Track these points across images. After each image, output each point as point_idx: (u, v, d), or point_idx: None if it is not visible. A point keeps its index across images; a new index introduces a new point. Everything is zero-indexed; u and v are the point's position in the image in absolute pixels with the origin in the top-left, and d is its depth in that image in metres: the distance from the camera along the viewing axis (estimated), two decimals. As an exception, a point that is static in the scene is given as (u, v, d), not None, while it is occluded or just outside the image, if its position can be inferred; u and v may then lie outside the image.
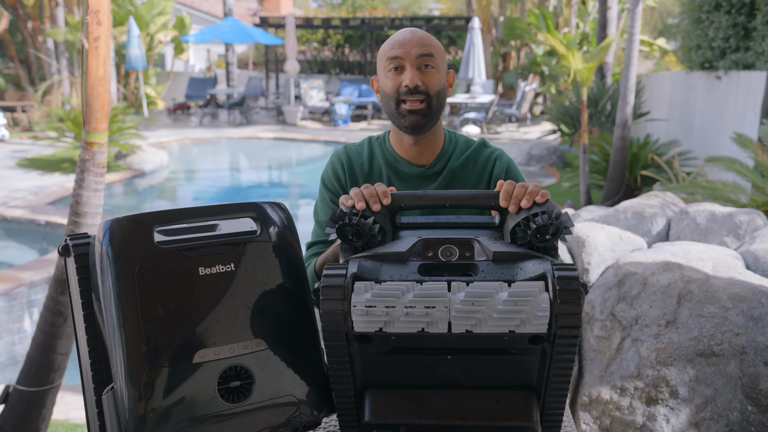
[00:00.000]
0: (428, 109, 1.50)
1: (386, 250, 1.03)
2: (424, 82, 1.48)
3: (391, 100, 1.51)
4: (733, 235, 3.48)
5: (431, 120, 1.52)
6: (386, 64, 1.51)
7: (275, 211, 1.13)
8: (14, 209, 7.03)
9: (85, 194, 2.41)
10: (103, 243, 0.99)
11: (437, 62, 1.51)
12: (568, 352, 0.96)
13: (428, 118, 1.51)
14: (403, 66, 1.49)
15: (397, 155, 1.60)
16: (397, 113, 1.51)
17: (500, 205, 1.10)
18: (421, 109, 1.49)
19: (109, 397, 0.98)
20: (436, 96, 1.50)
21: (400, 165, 1.59)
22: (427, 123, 1.52)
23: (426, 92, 1.49)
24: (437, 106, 1.52)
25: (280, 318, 1.06)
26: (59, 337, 2.61)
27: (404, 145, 1.58)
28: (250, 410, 1.01)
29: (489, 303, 0.93)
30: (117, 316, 0.96)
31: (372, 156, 1.62)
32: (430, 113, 1.50)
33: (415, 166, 1.58)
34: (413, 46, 1.49)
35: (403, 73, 1.49)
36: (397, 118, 1.52)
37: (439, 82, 1.51)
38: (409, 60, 1.48)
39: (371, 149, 1.64)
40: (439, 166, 1.58)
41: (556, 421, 1.06)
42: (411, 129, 1.52)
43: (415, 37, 1.50)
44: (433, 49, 1.50)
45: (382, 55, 1.53)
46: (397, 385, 1.04)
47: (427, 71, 1.49)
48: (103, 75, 2.20)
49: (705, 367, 2.58)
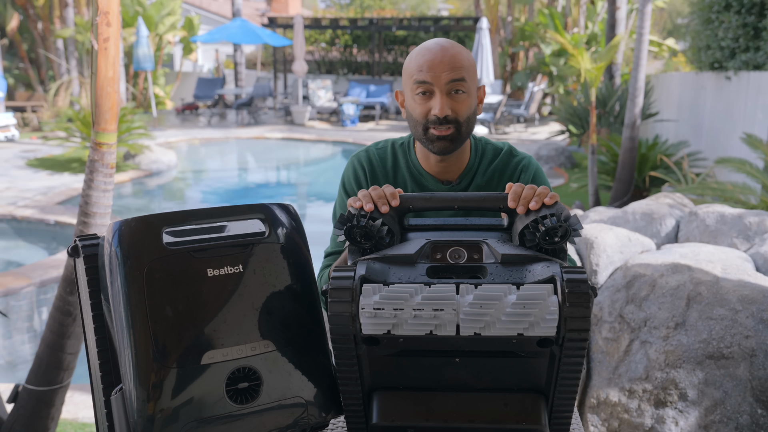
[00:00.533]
0: (457, 134, 1.44)
1: (394, 252, 1.03)
2: (454, 110, 1.42)
3: (419, 125, 1.45)
4: (743, 237, 3.46)
5: (460, 143, 1.47)
6: (414, 87, 1.43)
7: (283, 212, 1.13)
8: (24, 209, 7.07)
9: (94, 194, 2.42)
10: (112, 244, 1.00)
11: (468, 85, 1.43)
12: (577, 355, 0.96)
13: (457, 143, 1.46)
14: (432, 91, 1.42)
15: (423, 170, 1.54)
16: (425, 138, 1.46)
17: (509, 207, 1.09)
18: (449, 134, 1.43)
19: (118, 398, 0.99)
20: (465, 122, 1.44)
21: (425, 180, 1.54)
22: (455, 147, 1.46)
23: (455, 120, 1.43)
24: (466, 131, 1.46)
25: (288, 319, 1.07)
26: (68, 337, 2.63)
27: (430, 161, 1.53)
28: (258, 411, 1.01)
29: (497, 306, 0.93)
30: (126, 317, 0.97)
31: (396, 165, 1.57)
32: (459, 138, 1.45)
33: (441, 182, 1.54)
34: (443, 70, 1.40)
35: (431, 99, 1.42)
36: (424, 142, 1.47)
37: (470, 107, 1.44)
38: (438, 86, 1.41)
39: (395, 157, 1.58)
40: (465, 182, 1.54)
41: (564, 424, 1.06)
42: (439, 152, 1.46)
43: (445, 58, 1.41)
44: (464, 72, 1.42)
45: (409, 74, 1.45)
46: (405, 388, 1.04)
47: (457, 97, 1.42)
48: (113, 76, 2.21)
49: (714, 370, 2.57)
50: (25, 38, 18.52)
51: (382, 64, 21.36)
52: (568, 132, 12.50)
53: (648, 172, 7.99)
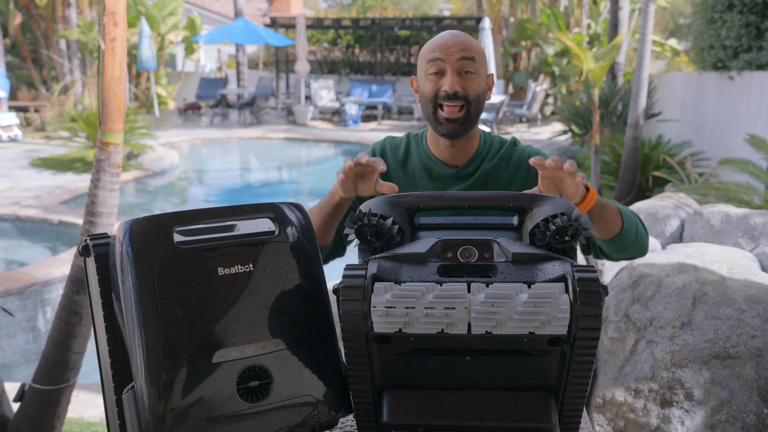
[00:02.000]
0: (466, 116, 1.51)
1: (405, 251, 1.03)
2: (463, 88, 1.49)
3: (429, 103, 1.53)
4: (748, 237, 3.46)
5: (468, 127, 1.54)
6: (427, 67, 1.52)
7: (293, 211, 1.13)
8: (27, 209, 7.08)
9: (100, 194, 2.43)
10: (123, 243, 1.00)
11: (478, 67, 1.51)
12: (588, 354, 0.96)
13: (465, 126, 1.53)
14: (443, 69, 1.50)
15: (433, 155, 1.62)
16: (434, 119, 1.53)
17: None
18: (458, 117, 1.51)
19: (130, 397, 0.99)
20: (475, 101, 1.51)
21: (435, 165, 1.61)
22: (464, 131, 1.53)
23: (465, 97, 1.50)
24: (475, 112, 1.53)
25: (298, 318, 1.06)
26: (75, 336, 2.63)
27: (440, 147, 1.60)
28: (268, 410, 1.01)
29: (509, 304, 0.93)
30: (137, 316, 0.97)
31: (408, 152, 1.65)
32: (468, 120, 1.52)
33: (449, 166, 1.60)
34: (455, 50, 1.49)
35: (443, 78, 1.50)
36: (434, 123, 1.54)
37: (479, 87, 1.52)
38: (450, 64, 1.49)
39: (408, 145, 1.66)
40: (472, 167, 1.60)
41: (574, 423, 1.06)
42: (448, 136, 1.53)
43: (457, 40, 1.50)
44: (474, 53, 1.50)
45: (423, 56, 1.54)
46: (416, 386, 1.04)
47: (467, 77, 1.50)
48: (119, 75, 2.21)
49: (720, 370, 2.57)
50: (27, 38, 18.55)
51: (384, 64, 21.36)
52: (571, 132, 12.50)
53: (651, 172, 7.99)
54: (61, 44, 17.07)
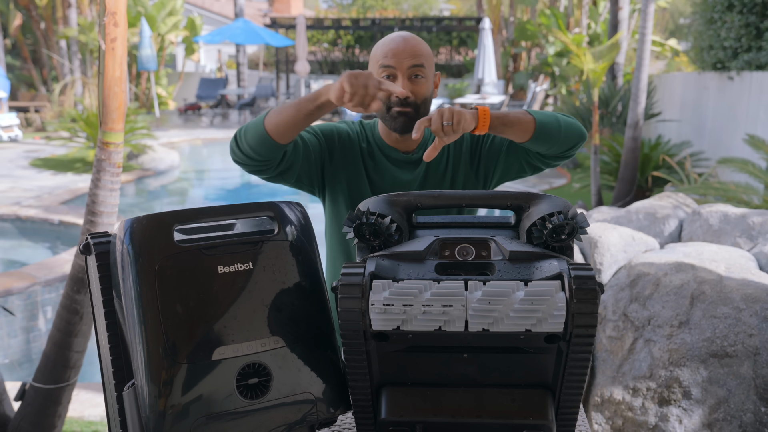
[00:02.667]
0: (416, 114, 1.62)
1: (403, 249, 1.04)
2: (414, 92, 1.60)
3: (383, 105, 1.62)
4: (746, 237, 3.46)
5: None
6: (379, 71, 1.61)
7: (292, 210, 1.14)
8: (28, 209, 7.09)
9: (101, 194, 2.44)
10: (123, 241, 1.00)
11: (426, 71, 1.62)
12: (584, 351, 0.97)
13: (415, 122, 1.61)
14: (395, 75, 1.59)
15: (384, 143, 1.73)
16: (387, 116, 1.64)
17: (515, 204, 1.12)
18: (409, 112, 1.61)
19: (130, 393, 0.99)
20: (423, 103, 1.63)
21: (388, 150, 1.73)
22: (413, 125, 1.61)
23: (414, 102, 1.61)
24: (424, 111, 1.64)
25: (297, 316, 1.07)
26: (75, 335, 2.64)
27: (391, 137, 1.72)
28: (267, 407, 1.02)
29: (506, 302, 0.94)
30: (137, 314, 0.97)
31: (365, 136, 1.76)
32: (417, 117, 1.61)
33: (401, 152, 1.72)
34: (405, 57, 1.58)
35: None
36: (387, 120, 1.65)
37: (428, 90, 1.63)
38: (401, 71, 1.59)
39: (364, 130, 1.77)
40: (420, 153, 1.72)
41: (571, 420, 1.07)
42: (399, 131, 1.64)
43: (408, 46, 1.59)
44: (423, 59, 1.61)
45: (375, 60, 1.63)
46: (414, 383, 1.04)
47: (417, 80, 1.60)
48: (120, 76, 2.22)
49: (718, 368, 2.58)
50: (27, 38, 18.56)
51: (384, 65, 21.32)
52: (571, 132, 12.48)
53: (651, 172, 8.00)
54: (62, 44, 17.08)
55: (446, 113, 1.39)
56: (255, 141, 1.53)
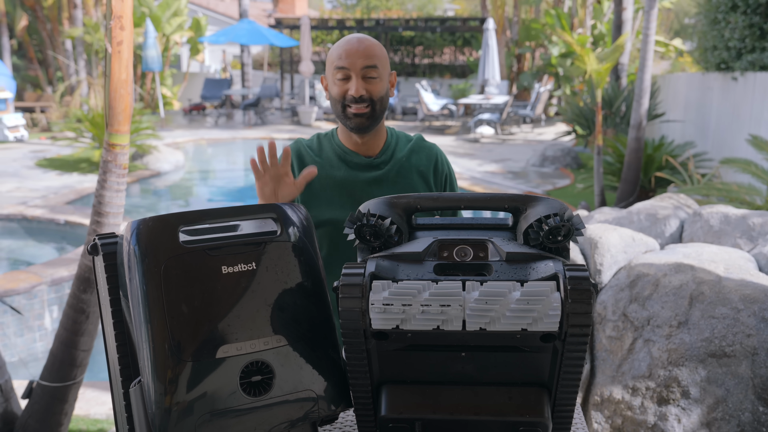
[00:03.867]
0: (372, 112, 1.68)
1: (403, 250, 1.06)
2: (368, 91, 1.66)
3: (338, 104, 1.70)
4: (747, 237, 3.48)
5: (375, 121, 1.71)
6: (334, 72, 1.68)
7: (295, 212, 1.16)
8: (34, 208, 7.13)
9: (107, 194, 2.46)
10: (130, 242, 1.02)
11: (380, 71, 1.68)
12: (579, 349, 0.99)
13: (372, 120, 1.70)
14: (349, 75, 1.66)
15: (346, 148, 1.78)
16: (344, 116, 1.70)
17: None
18: (365, 113, 1.68)
19: (137, 390, 1.01)
20: (379, 101, 1.69)
21: (350, 156, 1.77)
22: (371, 124, 1.70)
23: (370, 99, 1.67)
24: (380, 109, 1.70)
25: (299, 315, 1.09)
26: (82, 334, 2.67)
27: (352, 139, 1.77)
28: (270, 405, 1.04)
29: (502, 302, 0.95)
30: (144, 313, 0.99)
31: (321, 149, 1.81)
32: (373, 116, 1.69)
33: (363, 156, 1.77)
34: (359, 57, 1.65)
35: (349, 82, 1.66)
36: (344, 119, 1.71)
37: (382, 88, 1.69)
38: (354, 71, 1.65)
39: (321, 143, 1.82)
40: (385, 156, 1.79)
41: (567, 417, 1.09)
42: (356, 129, 1.70)
43: (361, 47, 1.66)
44: (377, 60, 1.67)
45: (331, 62, 1.69)
46: (413, 381, 1.06)
47: (371, 81, 1.66)
48: (126, 78, 2.25)
49: (716, 368, 2.60)
50: (33, 39, 18.63)
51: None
52: (574, 133, 12.50)
53: (654, 172, 8.00)
54: (67, 45, 17.13)
55: None
56: None
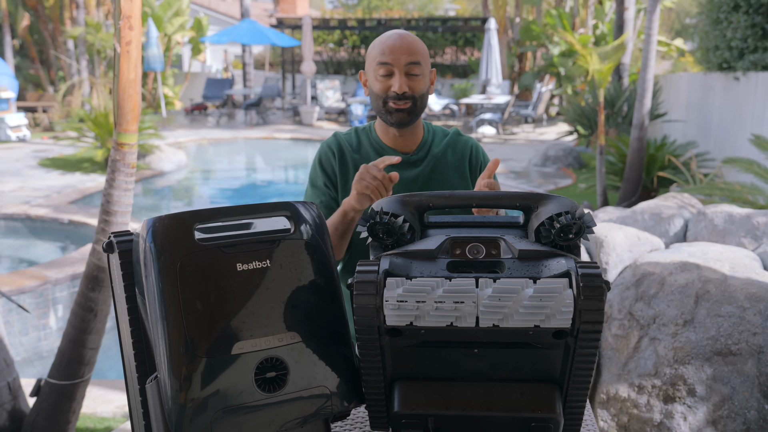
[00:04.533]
0: (413, 108, 1.68)
1: (416, 248, 1.07)
2: (411, 88, 1.66)
3: (380, 99, 1.69)
4: (751, 237, 3.48)
5: (415, 117, 1.71)
6: (376, 68, 1.67)
7: (307, 210, 1.17)
8: (38, 208, 7.14)
9: (115, 193, 2.48)
10: (146, 240, 1.03)
11: (423, 68, 1.67)
12: (591, 346, 1.00)
13: (412, 116, 1.70)
14: (392, 72, 1.65)
15: (383, 144, 1.78)
16: (384, 111, 1.69)
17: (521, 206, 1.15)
18: (406, 108, 1.67)
19: (153, 386, 1.02)
20: (420, 98, 1.69)
21: (387, 152, 1.77)
22: (411, 120, 1.70)
23: (412, 96, 1.67)
24: (421, 106, 1.70)
25: (312, 312, 1.10)
26: (90, 333, 2.68)
27: (389, 135, 1.77)
28: (284, 401, 1.04)
29: (515, 299, 0.96)
30: (160, 310, 1.00)
31: (360, 144, 1.81)
32: (414, 112, 1.69)
33: (400, 153, 1.77)
34: (402, 54, 1.64)
35: (392, 78, 1.66)
36: (384, 114, 1.70)
37: (424, 85, 1.69)
38: (398, 67, 1.64)
39: (359, 138, 1.82)
40: (422, 153, 1.78)
41: (578, 413, 1.10)
42: (397, 125, 1.70)
43: (404, 43, 1.65)
44: (420, 57, 1.66)
45: (373, 57, 1.68)
46: (426, 377, 1.07)
47: (413, 77, 1.66)
48: (134, 78, 2.26)
49: (722, 366, 2.61)
50: (35, 39, 18.64)
51: (389, 65, 21.32)
52: (576, 133, 12.50)
53: (656, 172, 8.00)
54: (69, 45, 17.14)
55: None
56: None
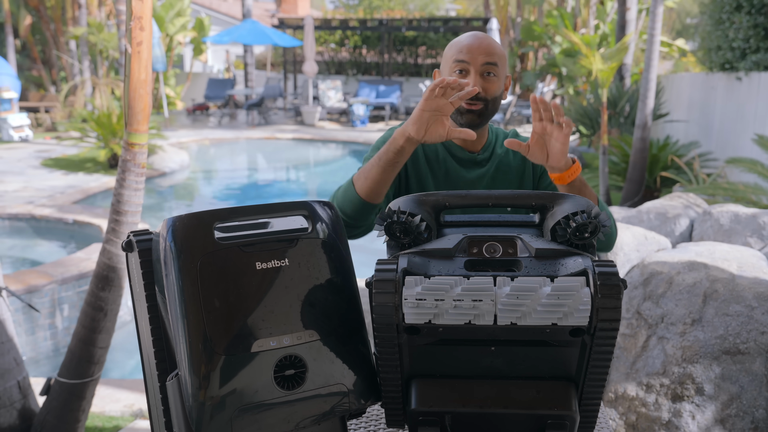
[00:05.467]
0: (485, 110, 1.65)
1: (433, 247, 1.08)
2: (485, 89, 1.62)
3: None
4: (757, 236, 3.49)
5: (485, 120, 1.67)
6: (452, 66, 1.64)
7: (324, 209, 1.18)
8: (42, 208, 7.15)
9: (126, 193, 2.49)
10: (166, 239, 1.04)
11: (499, 70, 1.64)
12: (608, 344, 1.01)
13: (483, 119, 1.66)
14: (468, 70, 1.62)
15: (451, 142, 1.74)
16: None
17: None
18: (478, 109, 1.64)
19: (174, 384, 1.03)
20: (493, 101, 1.65)
21: (455, 149, 1.74)
22: (481, 122, 1.67)
23: (485, 99, 1.63)
24: (492, 109, 1.67)
25: (329, 311, 1.11)
26: (100, 332, 2.70)
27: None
28: (303, 398, 1.05)
29: (533, 297, 0.97)
30: (180, 308, 1.01)
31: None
32: (485, 114, 1.66)
33: (468, 152, 1.74)
34: (480, 53, 1.61)
35: (466, 77, 1.62)
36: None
37: (498, 88, 1.65)
38: (474, 66, 1.61)
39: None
40: (486, 153, 1.75)
41: (593, 411, 1.10)
42: (467, 125, 1.64)
43: (483, 44, 1.63)
44: (497, 58, 1.63)
45: (449, 56, 1.65)
46: (443, 375, 1.08)
47: (489, 78, 1.63)
48: (145, 78, 2.27)
49: (730, 365, 2.61)
50: (37, 39, 18.66)
51: (391, 65, 21.38)
52: (578, 133, 12.51)
53: (659, 172, 8.01)
54: (71, 45, 17.16)
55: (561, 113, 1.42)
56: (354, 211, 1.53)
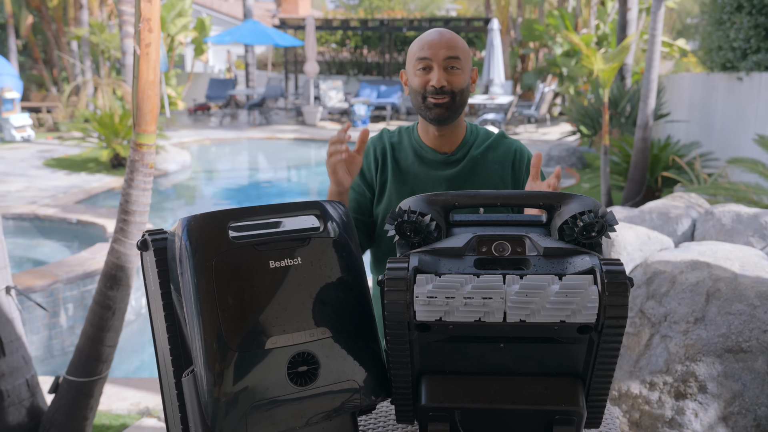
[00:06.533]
0: (452, 103, 1.67)
1: (443, 246, 1.10)
2: (449, 82, 1.65)
3: (419, 95, 1.68)
4: (759, 236, 3.51)
5: (455, 113, 1.69)
6: (415, 63, 1.67)
7: (335, 209, 1.20)
8: (46, 208, 7.17)
9: (134, 193, 2.51)
10: (182, 238, 1.06)
11: (462, 63, 1.66)
12: (615, 341, 1.03)
13: (452, 112, 1.68)
14: (431, 66, 1.65)
15: (423, 143, 1.78)
16: (423, 107, 1.68)
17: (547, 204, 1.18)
18: (445, 102, 1.66)
19: (189, 380, 1.05)
20: (459, 93, 1.67)
21: (425, 152, 1.77)
22: (450, 116, 1.69)
23: (451, 91, 1.66)
24: (460, 102, 1.68)
25: (341, 308, 1.13)
26: (108, 330, 2.72)
27: (429, 135, 1.76)
28: (315, 394, 1.07)
29: (542, 294, 0.99)
30: (196, 306, 1.02)
31: (401, 142, 1.81)
32: (453, 107, 1.67)
33: (439, 152, 1.76)
34: (441, 48, 1.64)
35: (430, 73, 1.65)
36: (423, 110, 1.69)
37: (464, 81, 1.67)
38: (436, 61, 1.64)
39: (401, 136, 1.83)
40: (460, 154, 1.76)
41: (600, 407, 1.13)
42: (436, 121, 1.68)
43: (443, 39, 1.65)
44: (459, 52, 1.66)
45: (412, 54, 1.68)
46: (452, 372, 1.10)
47: (452, 72, 1.65)
48: (153, 79, 2.30)
49: (733, 363, 2.63)
50: (38, 39, 18.69)
51: (392, 65, 21.40)
52: (579, 133, 12.53)
53: (660, 172, 8.03)
54: (72, 45, 17.19)
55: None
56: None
